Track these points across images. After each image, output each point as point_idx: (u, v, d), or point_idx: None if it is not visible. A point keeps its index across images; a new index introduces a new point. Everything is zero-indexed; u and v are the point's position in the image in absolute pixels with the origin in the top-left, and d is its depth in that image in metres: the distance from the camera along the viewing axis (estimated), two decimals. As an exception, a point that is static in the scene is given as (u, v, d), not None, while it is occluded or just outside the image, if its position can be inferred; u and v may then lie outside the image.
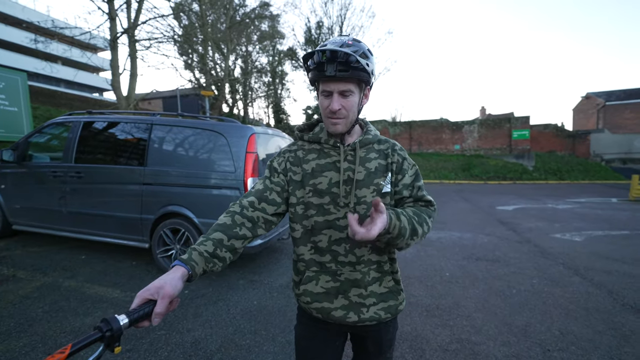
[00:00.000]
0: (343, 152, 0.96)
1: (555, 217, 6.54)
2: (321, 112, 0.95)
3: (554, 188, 12.28)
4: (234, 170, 2.97)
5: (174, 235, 3.17)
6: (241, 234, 0.91)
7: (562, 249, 4.36)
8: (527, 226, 5.71)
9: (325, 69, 0.86)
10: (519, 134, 17.74)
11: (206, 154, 3.14)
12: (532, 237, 4.94)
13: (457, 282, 3.24)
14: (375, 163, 0.98)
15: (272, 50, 22.17)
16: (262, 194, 0.97)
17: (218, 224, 0.91)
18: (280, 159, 1.02)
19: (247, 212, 0.94)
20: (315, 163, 0.97)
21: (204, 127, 3.18)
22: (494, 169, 15.93)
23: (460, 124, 18.91)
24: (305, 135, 1.02)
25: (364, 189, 0.95)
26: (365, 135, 1.00)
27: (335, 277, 0.97)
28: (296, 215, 0.98)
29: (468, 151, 18.56)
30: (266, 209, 0.96)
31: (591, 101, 23.11)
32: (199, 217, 3.03)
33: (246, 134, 3.03)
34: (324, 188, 0.95)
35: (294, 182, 0.98)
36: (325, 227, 0.95)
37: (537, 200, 9.04)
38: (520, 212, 7.21)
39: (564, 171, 15.42)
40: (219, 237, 0.88)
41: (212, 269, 0.86)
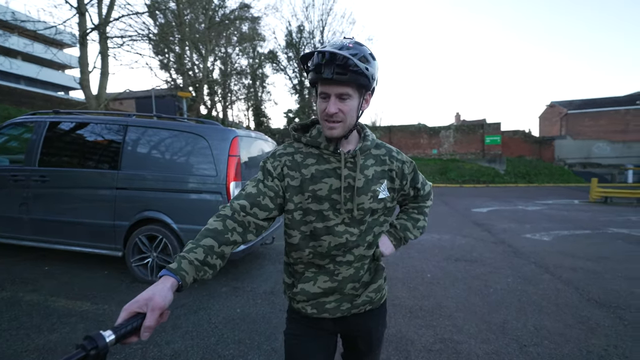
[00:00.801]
0: (343, 159, 0.95)
1: (526, 218, 6.95)
2: (318, 115, 0.94)
3: (523, 191, 13.05)
4: (215, 174, 2.91)
5: (151, 243, 3.05)
6: (232, 239, 0.88)
7: (533, 248, 4.63)
8: (501, 227, 6.02)
9: (323, 71, 0.84)
10: (491, 140, 18.72)
11: (185, 157, 3.05)
12: (506, 238, 5.21)
13: (438, 282, 3.34)
14: (372, 170, 0.99)
15: (252, 53, 21.97)
16: (255, 199, 0.93)
17: (208, 229, 0.87)
18: (276, 163, 0.97)
19: (238, 216, 0.90)
20: (314, 169, 0.95)
21: (183, 129, 3.09)
22: (469, 172, 16.68)
23: (437, 129, 19.65)
24: (302, 137, 1.00)
25: (363, 196, 0.96)
26: (364, 142, 0.99)
27: (333, 277, 0.98)
28: (294, 222, 0.97)
29: (445, 155, 19.31)
30: (258, 214, 0.92)
31: (555, 110, 24.88)
32: (178, 223, 2.93)
33: (229, 137, 2.98)
34: (323, 194, 0.94)
35: (292, 188, 0.95)
36: (325, 233, 0.95)
37: (508, 202, 9.56)
38: (494, 214, 7.58)
39: (532, 175, 16.44)
40: (210, 243, 0.84)
41: (202, 277, 0.83)
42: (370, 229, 0.99)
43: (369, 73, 0.87)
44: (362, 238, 0.97)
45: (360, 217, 0.95)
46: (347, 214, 0.94)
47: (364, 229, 0.98)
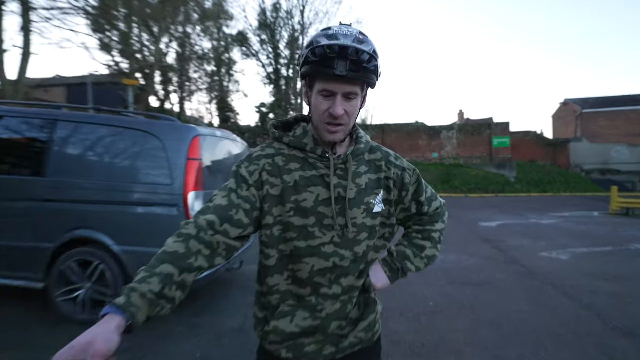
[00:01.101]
0: (333, 165, 0.94)
1: (540, 233, 7.26)
2: (315, 116, 0.92)
3: (536, 201, 13.65)
4: (170, 182, 2.84)
5: (83, 270, 2.91)
6: (197, 265, 0.85)
7: (549, 268, 4.82)
8: (513, 244, 6.23)
9: (335, 66, 0.82)
10: (499, 142, 19.54)
11: (130, 160, 2.97)
12: (519, 257, 5.39)
13: (443, 312, 3.39)
14: (365, 178, 0.98)
15: (217, 34, 21.87)
16: (226, 213, 0.90)
17: (167, 253, 0.83)
18: (253, 167, 0.95)
19: (205, 235, 0.87)
20: (298, 175, 0.94)
21: (129, 125, 3.01)
22: (475, 180, 17.27)
23: (438, 129, 20.29)
24: (285, 137, 0.98)
25: (355, 209, 0.95)
26: (357, 145, 0.99)
27: (315, 314, 0.96)
28: (272, 239, 0.94)
29: (447, 159, 19.91)
30: (230, 232, 0.90)
31: (569, 108, 26.40)
32: (121, 244, 2.83)
33: (188, 136, 2.93)
34: (308, 207, 0.92)
35: (271, 198, 0.93)
36: (308, 255, 0.93)
37: (520, 215, 9.95)
38: (505, 228, 7.86)
39: (546, 183, 17.26)
40: (168, 270, 0.80)
41: (158, 313, 0.79)
42: (365, 256, 0.98)
43: (379, 68, 0.88)
44: (354, 265, 0.96)
45: (354, 236, 0.95)
46: (337, 232, 0.93)
47: (359, 252, 0.96)
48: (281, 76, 22.60)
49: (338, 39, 0.83)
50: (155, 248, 2.86)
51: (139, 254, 2.78)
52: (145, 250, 2.78)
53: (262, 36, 22.52)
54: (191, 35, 20.22)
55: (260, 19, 21.90)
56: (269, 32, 22.01)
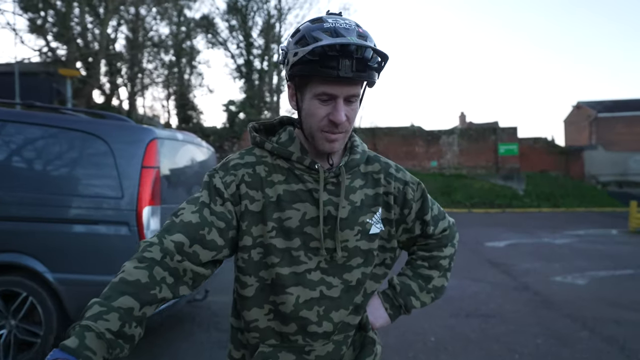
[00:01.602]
0: (323, 178, 0.94)
1: (554, 254, 7.50)
2: (309, 124, 0.91)
3: (548, 217, 14.13)
4: (120, 194, 2.78)
5: (6, 305, 2.80)
6: (160, 296, 0.84)
7: (565, 295, 4.98)
8: (524, 267, 6.41)
9: (340, 67, 0.81)
10: (506, 149, 20.23)
11: (68, 168, 2.92)
12: (531, 282, 5.55)
13: (446, 349, 3.43)
14: (361, 194, 0.98)
15: (177, 17, 21.79)
16: (197, 232, 0.89)
17: (127, 282, 0.82)
18: (229, 178, 0.94)
19: (170, 261, 0.86)
20: (282, 189, 0.94)
21: (67, 125, 2.95)
22: (479, 193, 17.74)
23: (437, 133, 20.83)
24: (267, 144, 0.97)
25: (347, 231, 0.95)
26: (352, 156, 0.99)
27: (302, 357, 0.95)
28: (250, 264, 0.94)
29: (447, 169, 20.40)
30: (200, 255, 0.89)
31: (582, 112, 27.75)
32: (56, 271, 2.74)
33: (143, 139, 2.89)
34: (293, 226, 0.93)
35: (250, 215, 0.93)
36: (292, 283, 0.93)
37: (531, 233, 10.27)
38: (514, 249, 8.08)
39: (558, 196, 17.93)
40: (129, 304, 0.79)
41: (117, 356, 0.77)
42: (359, 285, 0.97)
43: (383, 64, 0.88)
44: (347, 295, 0.96)
45: (344, 262, 0.95)
46: (325, 256, 0.94)
47: (351, 280, 0.96)
48: (254, 69, 22.69)
49: (340, 35, 0.82)
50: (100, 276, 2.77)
51: (80, 283, 2.70)
52: (87, 278, 2.71)
53: (231, 22, 22.63)
54: (145, 17, 20.08)
55: (230, 2, 22.03)
56: (240, 17, 22.14)
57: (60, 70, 12.22)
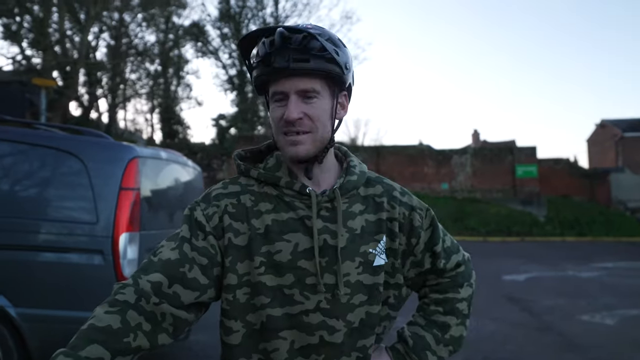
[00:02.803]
0: (316, 204, 0.93)
1: (579, 290, 7.43)
2: (274, 131, 0.95)
3: (573, 247, 14.07)
4: (94, 219, 2.78)
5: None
6: (135, 345, 0.83)
7: (592, 337, 4.90)
8: (546, 305, 6.34)
9: (273, 60, 0.87)
10: (524, 171, 20.33)
11: (38, 188, 2.94)
12: (554, 322, 5.47)
13: (459, 398, 3.35)
14: (361, 221, 0.97)
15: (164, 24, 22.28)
16: (177, 270, 0.89)
17: (96, 328, 0.81)
18: (211, 209, 0.95)
19: (146, 304, 0.85)
20: (271, 218, 0.93)
21: (38, 141, 2.98)
22: (496, 219, 17.71)
23: (448, 153, 20.97)
24: (253, 170, 0.98)
25: (347, 262, 0.93)
26: (348, 177, 0.98)
27: None
28: (235, 306, 0.92)
29: (460, 192, 20.44)
30: (180, 296, 0.88)
31: (607, 131, 28.09)
32: (19, 305, 2.71)
33: (122, 158, 2.91)
34: (284, 260, 0.91)
35: (235, 249, 0.92)
36: (286, 327, 0.91)
37: (553, 265, 10.20)
38: (535, 283, 8.00)
39: (584, 223, 17.92)
40: (98, 354, 0.78)
41: None
42: (364, 327, 0.95)
43: (340, 59, 0.90)
44: (349, 340, 0.93)
45: (347, 299, 0.93)
46: (325, 294, 0.91)
47: (354, 321, 0.93)
48: (247, 81, 23.03)
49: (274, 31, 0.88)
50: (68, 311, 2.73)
51: (46, 319, 2.67)
52: (54, 314, 2.67)
53: (223, 29, 23.14)
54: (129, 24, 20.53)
55: (222, 8, 22.58)
56: (233, 25, 22.63)
57: (34, 79, 12.37)
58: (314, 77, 0.89)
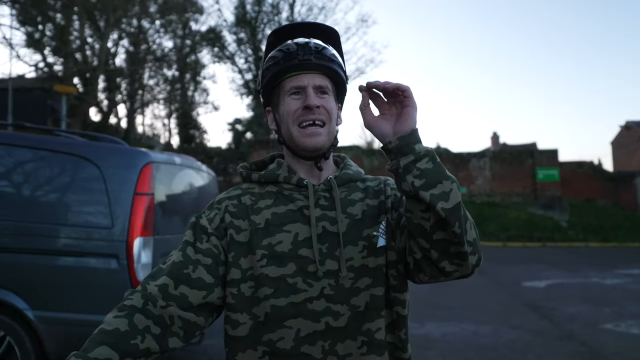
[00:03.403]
0: (312, 193, 0.98)
1: (603, 297, 7.23)
2: (285, 125, 1.01)
3: (596, 253, 13.71)
4: (110, 223, 2.83)
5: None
6: (143, 347, 0.86)
7: (616, 346, 4.77)
8: (568, 312, 6.19)
9: (297, 54, 0.97)
10: (545, 174, 19.96)
11: (57, 193, 3.00)
12: (576, 330, 5.34)
13: (476, 408, 3.30)
14: (362, 206, 1.01)
15: (182, 30, 22.67)
16: (181, 272, 0.93)
17: (105, 332, 0.85)
18: (213, 212, 1.01)
19: (154, 307, 0.89)
20: (270, 213, 0.98)
21: (58, 147, 3.05)
22: (516, 224, 17.41)
23: (466, 156, 20.74)
24: (253, 174, 1.05)
25: (349, 247, 0.95)
26: (344, 171, 1.05)
27: None
28: (241, 300, 0.95)
29: (478, 196, 20.18)
30: (188, 297, 0.92)
31: (633, 132, 27.38)
32: (37, 308, 2.77)
33: (137, 163, 2.97)
34: (285, 250, 0.95)
35: (237, 245, 0.97)
36: (291, 315, 0.92)
37: (576, 271, 9.96)
38: (556, 289, 7.83)
39: (608, 229, 17.46)
40: (106, 355, 0.82)
41: None
42: (369, 310, 0.94)
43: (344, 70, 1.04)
44: (355, 324, 0.94)
45: (352, 284, 0.94)
46: (328, 280, 0.93)
47: (359, 305, 0.94)
48: (263, 85, 23.17)
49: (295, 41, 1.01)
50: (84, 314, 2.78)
51: (63, 322, 2.72)
52: (69, 317, 2.73)
53: (239, 34, 23.39)
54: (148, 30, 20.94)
55: (238, 14, 22.84)
56: (249, 30, 22.88)
57: (55, 86, 12.73)
58: (326, 77, 1.00)
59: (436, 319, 5.67)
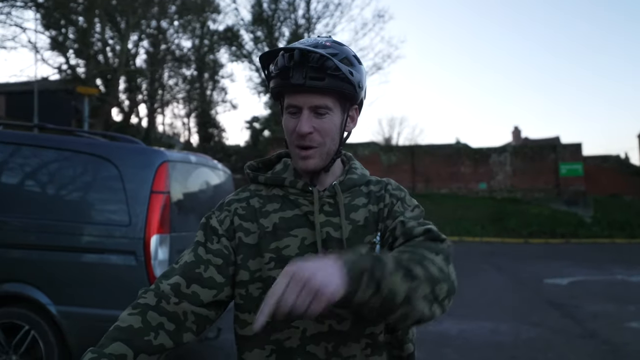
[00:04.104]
0: (318, 200, 0.99)
1: (629, 294, 7.02)
2: (287, 140, 1.01)
3: (623, 250, 13.32)
4: (128, 221, 2.89)
5: (8, 339, 2.92)
6: (157, 343, 0.88)
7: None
8: (591, 310, 6.04)
9: (291, 76, 0.92)
10: (568, 169, 19.48)
11: (80, 192, 3.07)
12: (599, 328, 5.21)
13: (493, 406, 3.26)
14: (364, 212, 1.02)
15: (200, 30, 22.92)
16: (193, 271, 0.96)
17: (119, 329, 0.88)
18: (223, 214, 1.04)
19: (167, 305, 0.92)
20: (278, 217, 1.00)
21: (79, 148, 3.13)
22: (538, 220, 17.03)
23: (486, 151, 20.40)
24: (260, 176, 1.06)
25: None
26: (349, 175, 1.06)
27: None
28: (249, 300, 0.98)
29: (499, 192, 19.83)
30: (199, 295, 0.95)
31: (660, 125, 26.34)
32: (60, 303, 2.85)
33: (153, 162, 3.02)
34: (292, 254, 0.97)
35: (246, 248, 1.00)
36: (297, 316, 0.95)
37: (600, 268, 9.70)
38: (579, 287, 7.64)
39: (635, 225, 16.91)
40: (121, 351, 0.84)
41: None
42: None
43: (354, 79, 0.95)
44: (358, 327, 0.96)
45: None
46: None
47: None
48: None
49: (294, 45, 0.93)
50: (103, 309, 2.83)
51: (84, 317, 2.80)
52: (90, 312, 2.80)
53: (256, 33, 23.50)
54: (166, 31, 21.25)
55: (255, 12, 22.93)
56: (266, 28, 22.96)
57: (77, 88, 13.05)
58: (327, 94, 0.95)
59: (454, 316, 5.61)
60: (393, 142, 30.49)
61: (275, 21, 23.06)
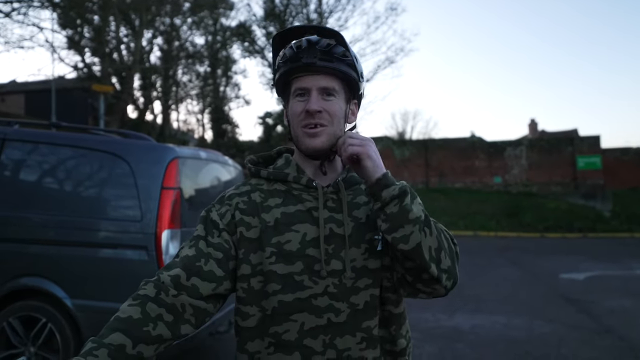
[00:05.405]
0: (322, 195, 1.01)
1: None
2: (292, 125, 1.04)
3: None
4: (139, 216, 2.94)
5: (26, 331, 2.98)
6: (155, 334, 0.90)
7: (660, 342, 4.54)
8: (607, 306, 5.94)
9: (302, 57, 0.98)
10: (586, 162, 19.09)
11: (96, 189, 3.13)
12: (615, 324, 5.13)
13: (505, 401, 3.24)
14: (366, 210, 1.04)
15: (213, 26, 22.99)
16: (193, 264, 0.98)
17: (119, 319, 0.90)
18: (224, 208, 1.05)
19: (166, 296, 0.94)
20: (280, 212, 1.02)
21: (94, 145, 3.18)
22: (554, 214, 16.77)
23: (501, 145, 20.11)
24: (262, 171, 1.08)
25: (353, 249, 1.00)
26: (351, 173, 1.07)
27: None
28: (251, 293, 1.00)
29: (514, 186, 19.56)
30: (199, 287, 0.96)
31: (683, 116, 25.56)
32: (75, 297, 2.91)
33: (163, 158, 3.06)
34: (294, 249, 0.99)
35: (247, 242, 1.01)
36: (296, 310, 0.97)
37: (618, 263, 9.52)
38: (596, 282, 7.52)
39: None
40: (120, 341, 0.86)
41: None
42: (368, 309, 0.99)
43: (358, 67, 1.02)
44: (353, 319, 0.98)
45: (352, 283, 0.98)
46: (332, 279, 0.97)
47: (358, 303, 0.98)
48: (292, 78, 23.22)
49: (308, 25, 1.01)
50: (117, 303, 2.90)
51: (98, 310, 2.84)
52: (106, 306, 2.81)
53: (268, 28, 23.45)
54: (180, 28, 21.37)
55: (267, 8, 22.88)
56: (278, 23, 22.90)
57: (93, 86, 13.24)
58: (334, 77, 1.01)
59: (466, 310, 5.59)
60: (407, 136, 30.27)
61: (287, 16, 22.98)
